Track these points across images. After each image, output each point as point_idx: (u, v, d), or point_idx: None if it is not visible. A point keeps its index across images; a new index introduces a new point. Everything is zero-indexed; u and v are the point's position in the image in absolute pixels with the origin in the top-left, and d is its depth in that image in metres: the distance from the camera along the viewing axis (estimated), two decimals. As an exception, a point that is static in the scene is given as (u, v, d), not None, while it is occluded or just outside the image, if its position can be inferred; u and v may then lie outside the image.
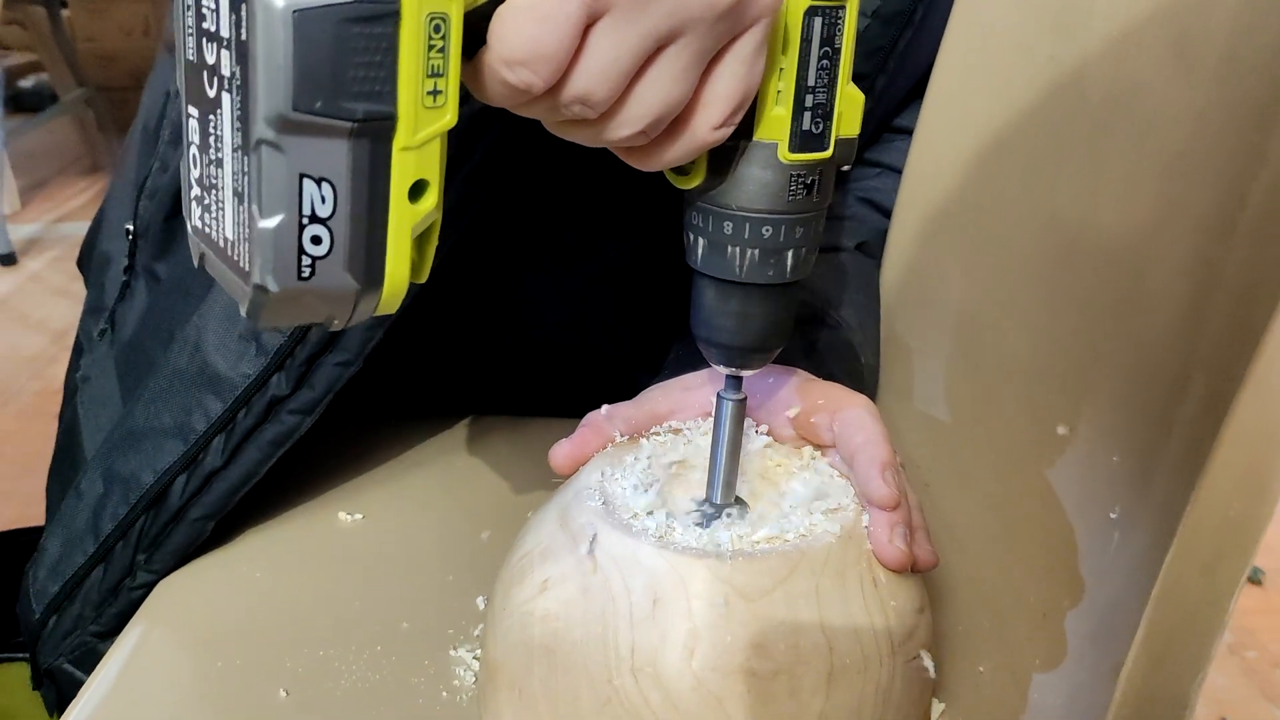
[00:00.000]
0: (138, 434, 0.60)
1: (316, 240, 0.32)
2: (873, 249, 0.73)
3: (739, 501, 0.48)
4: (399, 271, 0.34)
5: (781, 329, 0.44)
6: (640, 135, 0.37)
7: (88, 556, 0.60)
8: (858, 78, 0.65)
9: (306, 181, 0.31)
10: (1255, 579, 1.40)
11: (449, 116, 0.33)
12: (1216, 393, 0.38)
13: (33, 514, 0.94)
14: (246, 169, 0.31)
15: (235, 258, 0.33)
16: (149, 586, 0.58)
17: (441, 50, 0.32)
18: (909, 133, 0.71)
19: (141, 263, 0.71)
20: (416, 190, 0.33)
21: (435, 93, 0.32)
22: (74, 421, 0.74)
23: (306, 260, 0.32)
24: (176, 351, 0.60)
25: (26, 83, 3.34)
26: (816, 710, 0.42)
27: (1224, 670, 1.27)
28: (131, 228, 0.72)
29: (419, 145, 0.32)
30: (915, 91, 0.70)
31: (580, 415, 0.53)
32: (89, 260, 0.82)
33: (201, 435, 0.57)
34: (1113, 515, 0.48)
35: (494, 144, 0.56)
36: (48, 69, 3.01)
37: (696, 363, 0.55)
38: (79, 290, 0.83)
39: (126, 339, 0.70)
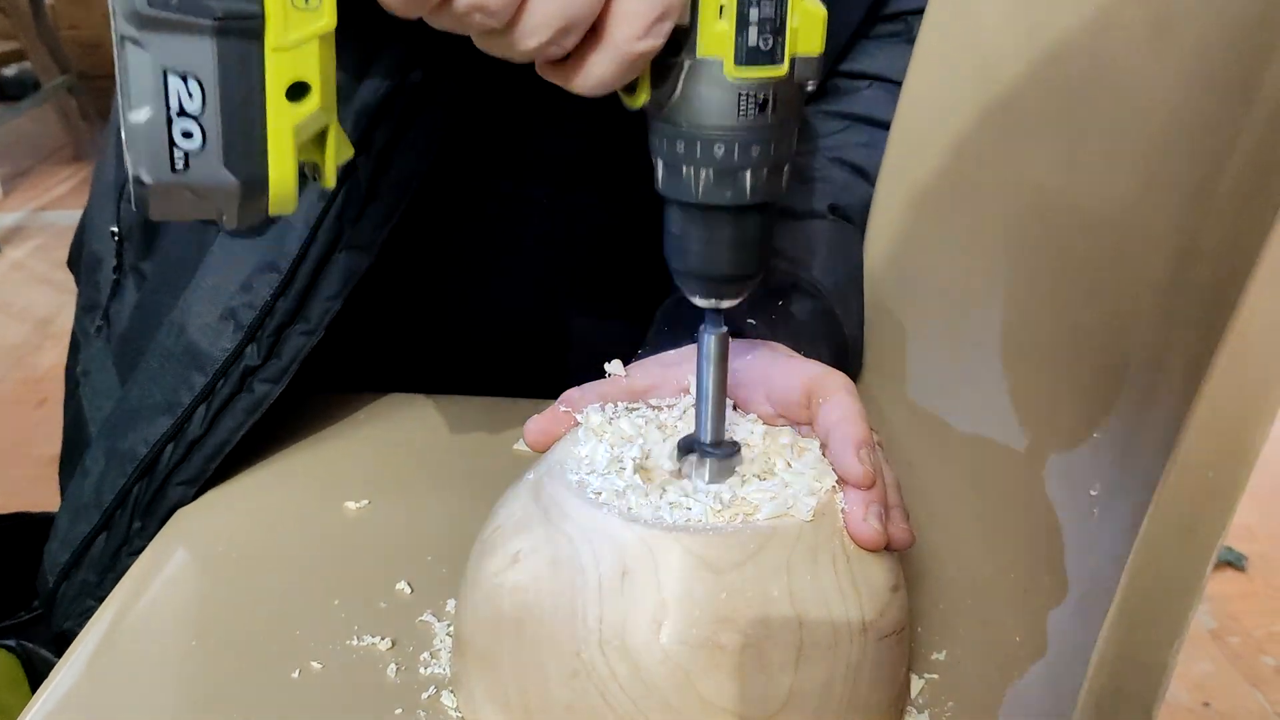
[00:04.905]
0: (133, 411, 0.65)
1: (188, 135, 0.33)
2: (848, 211, 0.72)
3: (730, 443, 0.46)
4: (284, 171, 0.35)
5: (751, 256, 0.43)
6: (552, 46, 0.37)
7: (92, 526, 0.65)
8: None
9: (171, 77, 0.33)
10: (1238, 565, 1.40)
11: (325, 19, 0.34)
12: (1195, 366, 0.38)
13: (13, 503, 0.94)
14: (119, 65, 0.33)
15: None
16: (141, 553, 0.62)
17: None
18: (866, 78, 0.70)
19: (129, 262, 0.73)
20: (296, 91, 0.34)
21: None
22: (79, 413, 0.76)
23: (179, 153, 0.33)
24: (164, 334, 0.64)
25: (9, 70, 3.33)
26: (786, 685, 0.42)
27: (1207, 655, 1.27)
28: (116, 229, 0.74)
29: (292, 46, 0.33)
30: (861, 31, 0.69)
31: (557, 395, 0.52)
32: (79, 259, 0.82)
33: (186, 407, 0.63)
34: (1093, 492, 0.47)
35: (451, 97, 0.57)
36: (30, 56, 3.00)
37: (675, 340, 0.54)
38: (62, 279, 0.83)
39: (121, 333, 0.72)
